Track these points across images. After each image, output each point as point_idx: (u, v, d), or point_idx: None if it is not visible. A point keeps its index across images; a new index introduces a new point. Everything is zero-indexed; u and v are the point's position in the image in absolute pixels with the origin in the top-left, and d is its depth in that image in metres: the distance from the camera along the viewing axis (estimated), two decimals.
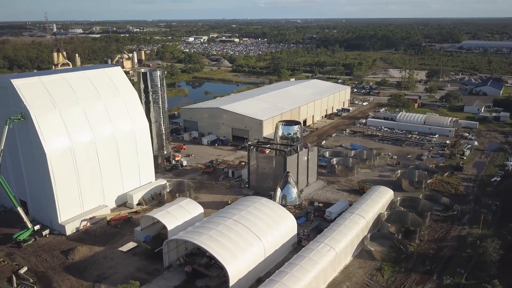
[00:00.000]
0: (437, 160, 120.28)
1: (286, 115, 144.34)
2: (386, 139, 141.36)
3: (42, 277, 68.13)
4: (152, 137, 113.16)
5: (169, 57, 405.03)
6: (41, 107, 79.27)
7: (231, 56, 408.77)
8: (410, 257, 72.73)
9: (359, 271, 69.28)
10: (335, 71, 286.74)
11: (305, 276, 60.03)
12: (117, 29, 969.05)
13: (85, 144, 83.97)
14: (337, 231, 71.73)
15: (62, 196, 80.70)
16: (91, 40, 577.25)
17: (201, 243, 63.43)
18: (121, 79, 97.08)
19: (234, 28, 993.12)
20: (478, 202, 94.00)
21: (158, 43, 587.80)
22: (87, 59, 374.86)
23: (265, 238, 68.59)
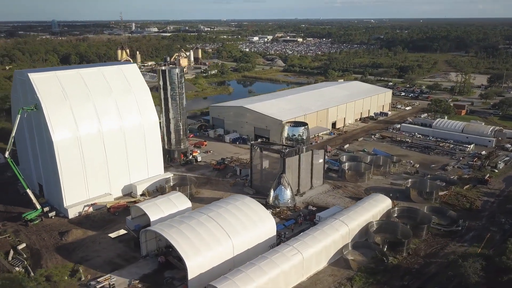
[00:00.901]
0: (463, 171, 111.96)
1: (311, 116, 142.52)
2: (415, 146, 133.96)
3: (35, 253, 74.87)
4: (170, 132, 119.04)
5: (227, 56, 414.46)
6: (52, 99, 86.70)
7: (287, 56, 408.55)
8: (389, 270, 69.28)
9: (329, 278, 67.47)
10: (387, 73, 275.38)
11: (259, 278, 59.97)
12: (189, 28, 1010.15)
13: (92, 135, 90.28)
14: (311, 236, 70.37)
15: (68, 182, 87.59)
16: (160, 39, 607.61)
17: (168, 235, 65.79)
18: (135, 76, 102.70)
19: (302, 28, 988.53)
20: (491, 219, 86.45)
21: (222, 42, 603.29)
22: (150, 57, 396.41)
23: (236, 237, 69.20)
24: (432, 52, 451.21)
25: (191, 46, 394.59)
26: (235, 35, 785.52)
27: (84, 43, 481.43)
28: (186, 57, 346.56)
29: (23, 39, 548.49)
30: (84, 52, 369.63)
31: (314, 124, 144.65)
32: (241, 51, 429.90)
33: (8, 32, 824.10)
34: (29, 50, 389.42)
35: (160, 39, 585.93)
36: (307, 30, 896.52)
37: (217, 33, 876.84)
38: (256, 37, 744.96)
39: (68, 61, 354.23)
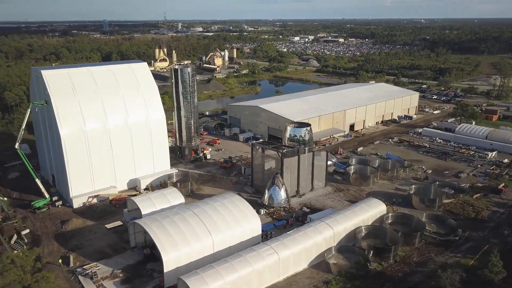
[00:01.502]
0: (477, 179, 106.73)
1: (326, 118, 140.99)
2: (432, 151, 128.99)
3: (35, 239, 80.00)
4: (181, 130, 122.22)
5: (262, 55, 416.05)
6: (62, 95, 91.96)
7: (323, 56, 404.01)
8: (371, 276, 67.85)
9: (306, 280, 67.12)
10: (421, 75, 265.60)
11: (229, 275, 60.91)
12: (233, 28, 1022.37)
13: (99, 130, 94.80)
14: (292, 237, 70.29)
15: (74, 174, 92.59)
16: (201, 38, 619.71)
17: (149, 229, 68.14)
18: (144, 74, 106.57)
19: (346, 28, 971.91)
20: (494, 231, 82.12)
21: (263, 42, 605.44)
22: (187, 56, 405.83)
23: (216, 234, 70.44)
24: (479, 54, 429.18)
25: (227, 46, 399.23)
26: (277, 35, 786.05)
27: (127, 42, 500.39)
28: (220, 56, 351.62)
29: (73, 37, 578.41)
30: (125, 51, 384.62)
31: (329, 126, 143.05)
32: (278, 51, 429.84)
33: (63, 31, 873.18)
34: (75, 48, 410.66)
35: (201, 39, 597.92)
36: (351, 31, 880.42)
37: (259, 33, 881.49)
38: (297, 37, 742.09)
39: (109, 59, 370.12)
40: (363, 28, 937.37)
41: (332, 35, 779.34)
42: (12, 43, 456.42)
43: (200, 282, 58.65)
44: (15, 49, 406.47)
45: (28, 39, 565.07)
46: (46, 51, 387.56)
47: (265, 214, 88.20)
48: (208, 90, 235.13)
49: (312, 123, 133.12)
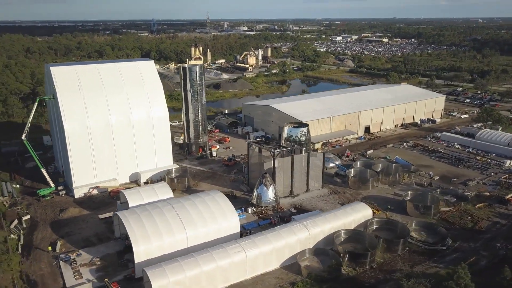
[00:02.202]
0: (486, 188, 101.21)
1: (338, 119, 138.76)
2: (446, 157, 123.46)
3: (33, 225, 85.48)
4: (189, 127, 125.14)
5: (298, 55, 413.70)
6: (67, 90, 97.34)
7: (360, 56, 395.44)
8: (341, 281, 66.75)
9: (273, 280, 67.18)
10: (457, 77, 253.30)
11: (192, 269, 62.32)
12: (278, 27, 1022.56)
13: (102, 125, 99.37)
14: (263, 237, 70.53)
15: (77, 165, 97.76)
16: (243, 38, 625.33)
17: (126, 221, 70.92)
18: (150, 72, 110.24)
19: (393, 28, 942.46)
20: (487, 243, 77.82)
21: (303, 41, 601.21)
22: (223, 55, 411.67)
23: (191, 229, 72.01)
24: None
25: (266, 45, 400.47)
26: (319, 35, 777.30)
27: (169, 40, 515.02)
28: (254, 55, 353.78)
29: (119, 36, 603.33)
30: (163, 49, 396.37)
31: (342, 127, 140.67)
32: (314, 51, 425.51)
33: (114, 30, 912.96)
34: (119, 46, 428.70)
35: (241, 38, 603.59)
36: (398, 30, 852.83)
37: (302, 32, 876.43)
38: (340, 36, 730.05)
39: (148, 56, 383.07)
40: (411, 27, 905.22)
41: (377, 35, 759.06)
42: (63, 41, 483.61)
43: (161, 274, 60.48)
44: (64, 46, 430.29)
45: (80, 37, 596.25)
46: (91, 49, 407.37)
47: (253, 213, 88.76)
48: (235, 89, 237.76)
49: (322, 124, 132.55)
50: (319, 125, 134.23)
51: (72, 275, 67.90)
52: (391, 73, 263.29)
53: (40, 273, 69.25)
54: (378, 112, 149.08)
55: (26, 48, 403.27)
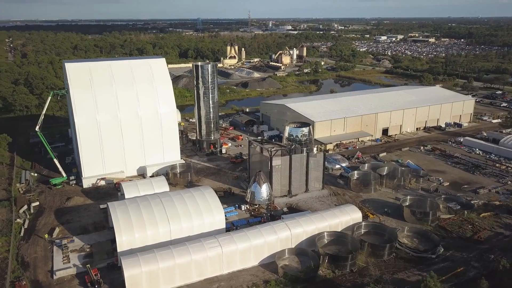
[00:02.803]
0: (498, 197, 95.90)
1: (353, 120, 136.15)
2: (462, 162, 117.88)
3: (39, 211, 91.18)
4: (201, 124, 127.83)
5: (336, 54, 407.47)
6: (79, 85, 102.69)
7: (399, 56, 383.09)
8: (317, 282, 66.23)
9: (248, 277, 67.81)
10: (498, 80, 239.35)
11: (166, 261, 64.29)
12: (322, 27, 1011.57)
13: (110, 120, 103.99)
14: (243, 234, 71.32)
15: (86, 157, 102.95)
16: (284, 37, 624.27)
17: (113, 212, 74.14)
18: (161, 70, 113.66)
19: (444, 27, 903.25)
20: (481, 254, 73.99)
21: (346, 41, 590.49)
22: (260, 53, 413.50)
23: (175, 223, 74.06)
24: None
25: (300, 44, 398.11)
26: (363, 34, 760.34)
27: (208, 39, 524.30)
28: (289, 55, 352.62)
29: (163, 34, 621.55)
30: (201, 48, 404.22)
31: (358, 129, 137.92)
32: (353, 50, 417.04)
33: (161, 29, 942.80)
34: (160, 44, 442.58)
35: (283, 37, 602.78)
36: (449, 30, 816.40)
37: (347, 31, 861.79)
38: (385, 36, 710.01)
39: (186, 55, 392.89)
40: (462, 27, 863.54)
41: (424, 35, 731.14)
42: (109, 39, 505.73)
43: (134, 264, 62.93)
44: (109, 44, 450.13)
45: (126, 36, 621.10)
46: (134, 47, 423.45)
47: (246, 210, 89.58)
48: (262, 88, 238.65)
49: (336, 125, 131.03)
50: (332, 125, 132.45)
51: (61, 259, 71.98)
52: (425, 75, 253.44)
53: (34, 256, 74.00)
54: (397, 114, 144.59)
55: (74, 46, 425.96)
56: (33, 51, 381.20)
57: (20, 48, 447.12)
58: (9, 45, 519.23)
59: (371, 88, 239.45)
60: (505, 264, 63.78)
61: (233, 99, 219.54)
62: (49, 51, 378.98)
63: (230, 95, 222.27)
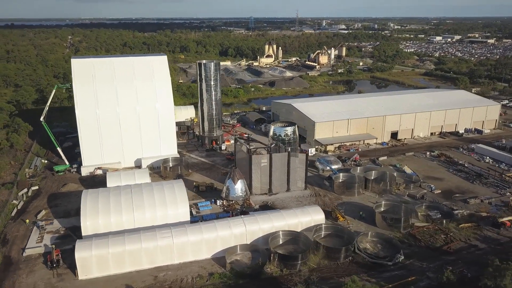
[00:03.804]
0: (488, 209, 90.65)
1: (357, 122, 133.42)
2: (466, 170, 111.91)
3: (36, 195, 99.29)
4: (203, 121, 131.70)
5: (378, 54, 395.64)
6: (82, 80, 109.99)
7: (444, 58, 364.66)
8: (261, 279, 67.21)
9: (196, 269, 70.11)
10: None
11: (116, 247, 68.27)
12: (377, 26, 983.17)
13: (109, 114, 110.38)
14: (198, 227, 73.75)
15: (86, 148, 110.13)
16: (331, 36, 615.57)
17: (84, 198, 79.41)
18: (161, 67, 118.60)
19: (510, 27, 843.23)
20: (444, 265, 70.89)
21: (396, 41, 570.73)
22: (300, 52, 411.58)
23: (139, 212, 78.02)
24: None
25: (340, 44, 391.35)
26: (417, 34, 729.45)
27: (251, 38, 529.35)
28: (327, 54, 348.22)
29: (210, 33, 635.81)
30: (240, 46, 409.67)
31: (363, 131, 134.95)
32: (397, 51, 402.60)
33: (212, 27, 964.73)
34: (205, 42, 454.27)
35: (330, 36, 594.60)
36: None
37: (401, 31, 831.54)
38: (440, 36, 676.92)
39: (226, 53, 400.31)
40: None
41: (484, 35, 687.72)
42: (157, 37, 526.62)
43: (86, 247, 67.47)
44: (157, 42, 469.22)
45: (178, 34, 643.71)
46: (178, 45, 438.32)
47: (221, 206, 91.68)
48: (288, 87, 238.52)
49: (339, 126, 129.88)
50: (334, 126, 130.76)
51: (35, 239, 78.46)
52: (460, 77, 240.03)
53: (15, 235, 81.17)
54: (408, 118, 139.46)
55: (124, 43, 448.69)
56: (85, 48, 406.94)
57: (76, 44, 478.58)
58: (69, 41, 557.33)
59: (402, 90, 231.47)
60: (449, 276, 60.95)
61: (257, 97, 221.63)
62: (99, 48, 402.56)
63: (254, 94, 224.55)
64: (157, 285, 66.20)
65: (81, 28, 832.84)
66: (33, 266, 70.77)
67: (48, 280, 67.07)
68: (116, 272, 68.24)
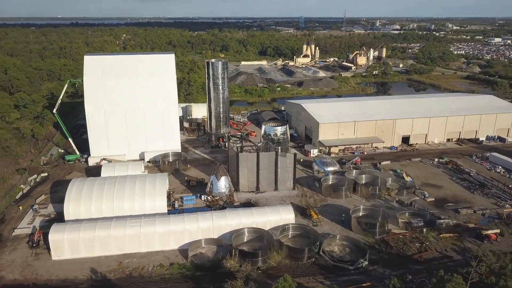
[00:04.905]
0: (479, 220, 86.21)
1: (365, 124, 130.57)
2: (469, 180, 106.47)
3: (43, 181, 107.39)
4: (211, 118, 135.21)
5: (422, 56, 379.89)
6: (92, 76, 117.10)
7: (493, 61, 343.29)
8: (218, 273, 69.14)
9: (159, 258, 73.20)
10: None
11: (87, 232, 72.98)
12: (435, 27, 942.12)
13: (116, 108, 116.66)
14: (166, 219, 76.93)
15: (93, 140, 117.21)
16: (380, 36, 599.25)
17: (70, 186, 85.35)
18: (168, 65, 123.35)
19: None
20: (405, 274, 68.93)
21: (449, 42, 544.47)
22: (340, 53, 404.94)
23: (118, 202, 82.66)
24: None
25: (380, 45, 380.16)
26: (474, 35, 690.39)
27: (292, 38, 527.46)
28: (365, 55, 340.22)
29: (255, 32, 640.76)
30: (279, 46, 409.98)
31: (371, 134, 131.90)
32: (444, 53, 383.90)
33: (260, 27, 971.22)
34: (246, 41, 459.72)
35: (378, 37, 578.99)
36: None
37: (459, 32, 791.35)
38: (499, 38, 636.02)
39: (265, 53, 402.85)
40: None
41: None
42: (203, 36, 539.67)
43: (59, 230, 72.80)
44: (201, 41, 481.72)
45: (226, 33, 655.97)
46: (220, 44, 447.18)
47: (205, 201, 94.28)
48: (316, 87, 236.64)
49: (344, 128, 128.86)
50: (340, 128, 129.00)
51: (27, 221, 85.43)
52: (498, 82, 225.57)
53: (13, 216, 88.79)
54: (421, 122, 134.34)
55: (169, 41, 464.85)
56: (132, 45, 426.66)
57: (126, 42, 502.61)
58: (122, 40, 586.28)
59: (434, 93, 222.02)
60: (396, 284, 59.31)
61: (282, 97, 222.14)
62: (145, 45, 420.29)
63: (279, 93, 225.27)
64: (119, 270, 70.10)
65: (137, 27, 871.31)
66: (17, 245, 77.30)
67: (25, 258, 73.08)
68: (86, 256, 72.91)
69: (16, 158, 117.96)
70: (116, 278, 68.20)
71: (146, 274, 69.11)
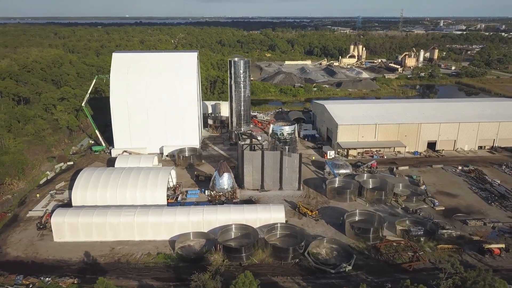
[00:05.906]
0: (487, 233, 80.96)
1: (386, 128, 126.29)
2: (489, 190, 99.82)
3: (67, 169, 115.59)
4: (232, 116, 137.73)
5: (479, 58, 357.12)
6: (118, 72, 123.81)
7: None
8: (199, 266, 70.95)
9: (149, 247, 76.60)
10: None
11: (85, 218, 77.98)
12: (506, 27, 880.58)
13: (138, 103, 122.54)
14: (159, 210, 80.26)
15: (117, 133, 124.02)
16: (438, 38, 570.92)
17: (81, 174, 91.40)
18: (190, 63, 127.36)
19: None
20: (387, 282, 66.76)
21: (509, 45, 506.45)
22: (390, 54, 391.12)
23: (121, 191, 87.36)
24: None
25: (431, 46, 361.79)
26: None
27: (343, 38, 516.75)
28: (415, 57, 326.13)
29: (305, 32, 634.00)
30: (327, 45, 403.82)
31: (393, 138, 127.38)
32: (504, 55, 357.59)
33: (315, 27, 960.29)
34: (294, 41, 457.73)
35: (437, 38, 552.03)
36: None
37: None
38: None
39: (312, 52, 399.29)
40: None
41: None
42: (253, 35, 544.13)
43: (61, 215, 78.40)
44: (251, 40, 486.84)
45: (277, 32, 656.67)
46: (269, 43, 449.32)
47: (208, 196, 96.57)
48: (354, 89, 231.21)
49: (364, 131, 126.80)
50: (359, 131, 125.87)
51: (43, 204, 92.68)
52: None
53: (33, 199, 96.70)
54: (449, 127, 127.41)
55: (219, 40, 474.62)
56: (183, 44, 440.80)
57: (180, 41, 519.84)
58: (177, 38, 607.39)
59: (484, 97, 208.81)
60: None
61: (317, 97, 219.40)
62: (195, 44, 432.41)
63: (315, 94, 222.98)
64: (109, 255, 74.29)
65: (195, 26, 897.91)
66: (28, 226, 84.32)
67: (31, 238, 79.60)
68: (84, 240, 77.99)
69: (49, 146, 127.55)
70: (105, 263, 72.36)
71: (133, 261, 72.65)
